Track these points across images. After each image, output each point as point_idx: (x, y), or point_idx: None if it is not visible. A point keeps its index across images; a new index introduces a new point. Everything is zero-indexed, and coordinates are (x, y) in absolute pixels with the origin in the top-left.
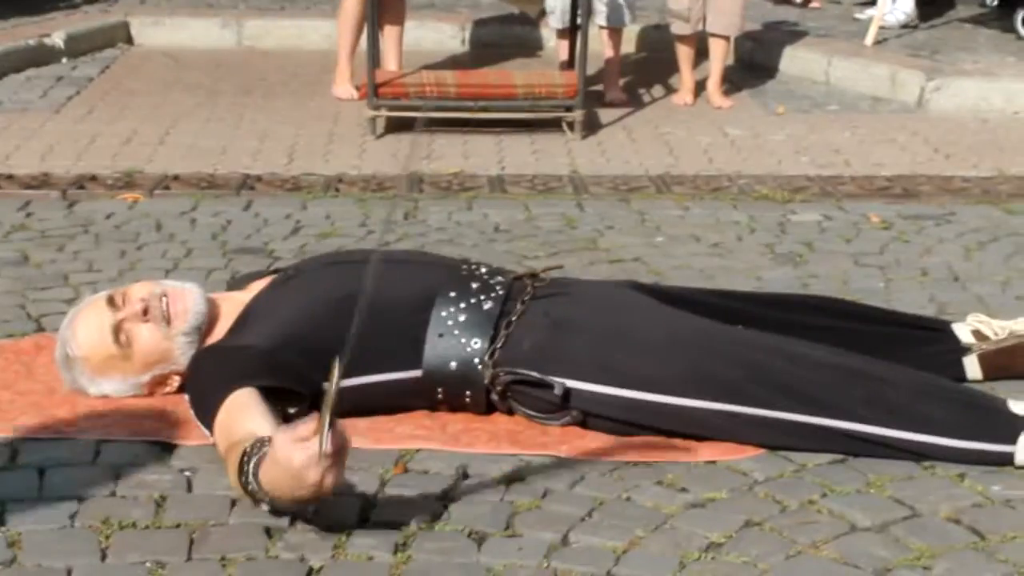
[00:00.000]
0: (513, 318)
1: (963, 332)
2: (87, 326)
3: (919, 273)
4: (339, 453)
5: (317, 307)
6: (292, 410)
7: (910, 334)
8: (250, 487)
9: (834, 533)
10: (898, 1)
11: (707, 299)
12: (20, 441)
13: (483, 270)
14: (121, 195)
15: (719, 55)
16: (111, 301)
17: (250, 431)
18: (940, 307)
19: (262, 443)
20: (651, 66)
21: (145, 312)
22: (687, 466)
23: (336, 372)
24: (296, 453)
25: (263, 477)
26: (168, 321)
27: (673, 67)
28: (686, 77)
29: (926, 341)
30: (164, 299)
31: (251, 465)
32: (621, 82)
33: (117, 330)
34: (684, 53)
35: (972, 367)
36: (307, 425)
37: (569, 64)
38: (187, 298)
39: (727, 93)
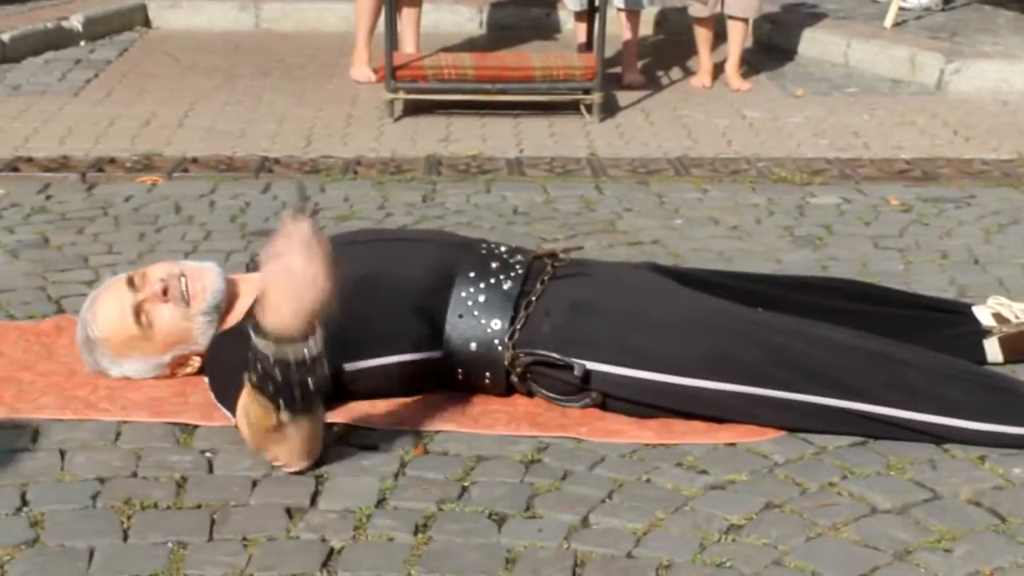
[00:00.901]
0: (533, 298)
1: (983, 315)
2: (107, 308)
3: (939, 256)
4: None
5: (334, 288)
6: None
7: (930, 317)
8: (259, 361)
9: (854, 515)
10: None
11: (726, 281)
12: (41, 422)
13: (503, 249)
14: (140, 178)
15: (737, 37)
16: (131, 282)
17: None
18: (960, 290)
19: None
20: (669, 48)
21: (165, 292)
22: (707, 448)
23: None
24: (288, 260)
25: (265, 320)
26: (187, 301)
27: (691, 49)
28: (704, 59)
29: (946, 324)
30: (183, 279)
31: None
32: (639, 64)
33: (137, 311)
34: (702, 35)
35: (993, 350)
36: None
37: (587, 46)
38: (205, 277)
39: (745, 76)
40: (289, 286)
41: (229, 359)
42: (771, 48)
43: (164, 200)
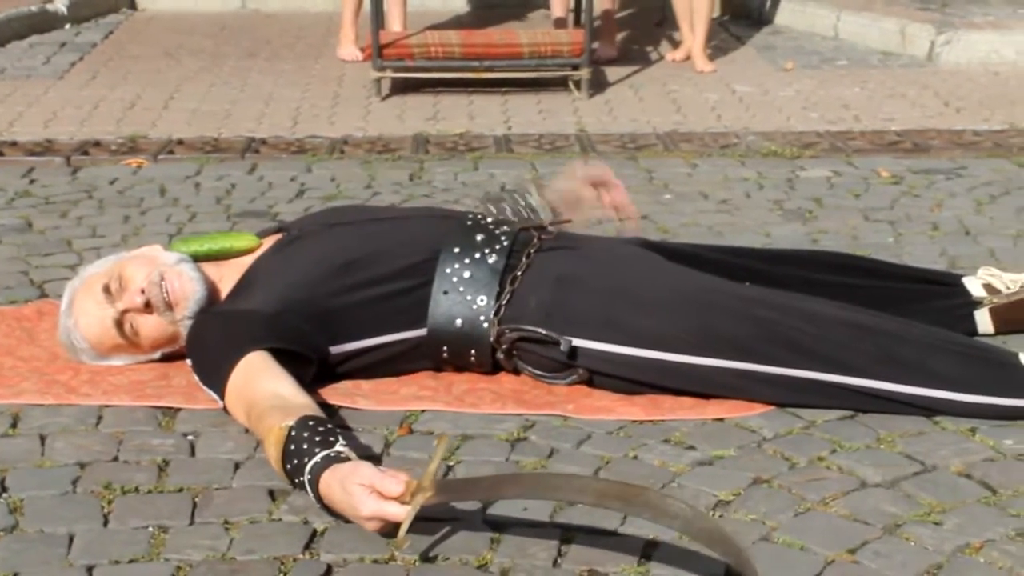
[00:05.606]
0: (519, 273)
1: (974, 286)
2: (88, 319)
3: (930, 227)
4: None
5: (319, 271)
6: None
7: (921, 288)
8: (298, 480)
9: (843, 489)
10: None
11: (715, 256)
12: (22, 407)
13: (488, 220)
14: (125, 160)
15: (702, 13)
16: (107, 290)
17: (273, 391)
18: (951, 261)
19: (320, 436)
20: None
21: (147, 305)
22: (695, 424)
23: (441, 449)
24: (367, 504)
25: (323, 488)
26: (171, 306)
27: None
28: (685, 33)
29: (937, 295)
30: (163, 284)
31: (310, 464)
32: (618, 38)
33: (120, 323)
34: (681, 8)
35: (984, 321)
36: (396, 484)
37: (569, 21)
38: (184, 283)
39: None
40: (346, 509)
41: (216, 341)
42: (760, 21)
43: (149, 183)
